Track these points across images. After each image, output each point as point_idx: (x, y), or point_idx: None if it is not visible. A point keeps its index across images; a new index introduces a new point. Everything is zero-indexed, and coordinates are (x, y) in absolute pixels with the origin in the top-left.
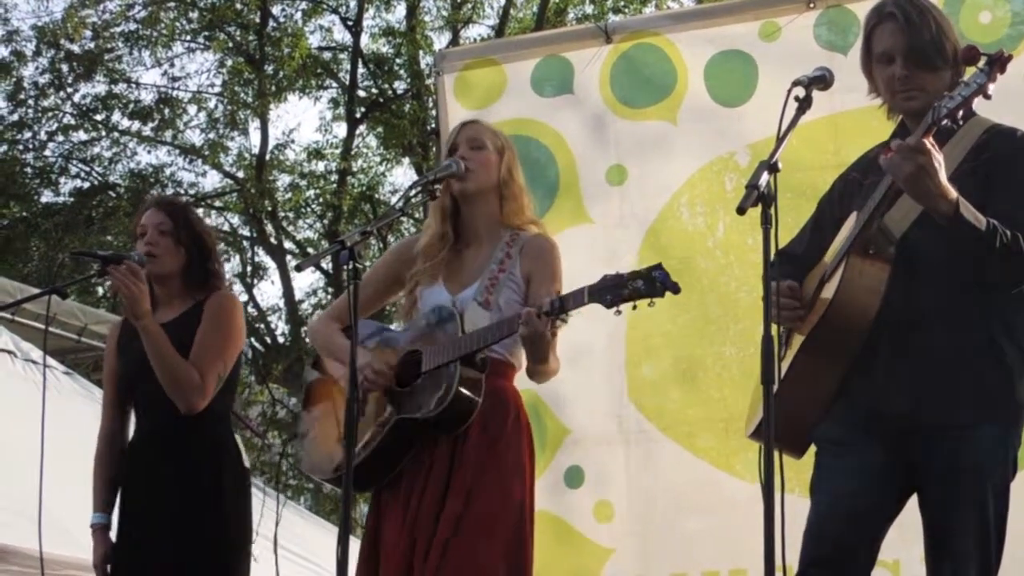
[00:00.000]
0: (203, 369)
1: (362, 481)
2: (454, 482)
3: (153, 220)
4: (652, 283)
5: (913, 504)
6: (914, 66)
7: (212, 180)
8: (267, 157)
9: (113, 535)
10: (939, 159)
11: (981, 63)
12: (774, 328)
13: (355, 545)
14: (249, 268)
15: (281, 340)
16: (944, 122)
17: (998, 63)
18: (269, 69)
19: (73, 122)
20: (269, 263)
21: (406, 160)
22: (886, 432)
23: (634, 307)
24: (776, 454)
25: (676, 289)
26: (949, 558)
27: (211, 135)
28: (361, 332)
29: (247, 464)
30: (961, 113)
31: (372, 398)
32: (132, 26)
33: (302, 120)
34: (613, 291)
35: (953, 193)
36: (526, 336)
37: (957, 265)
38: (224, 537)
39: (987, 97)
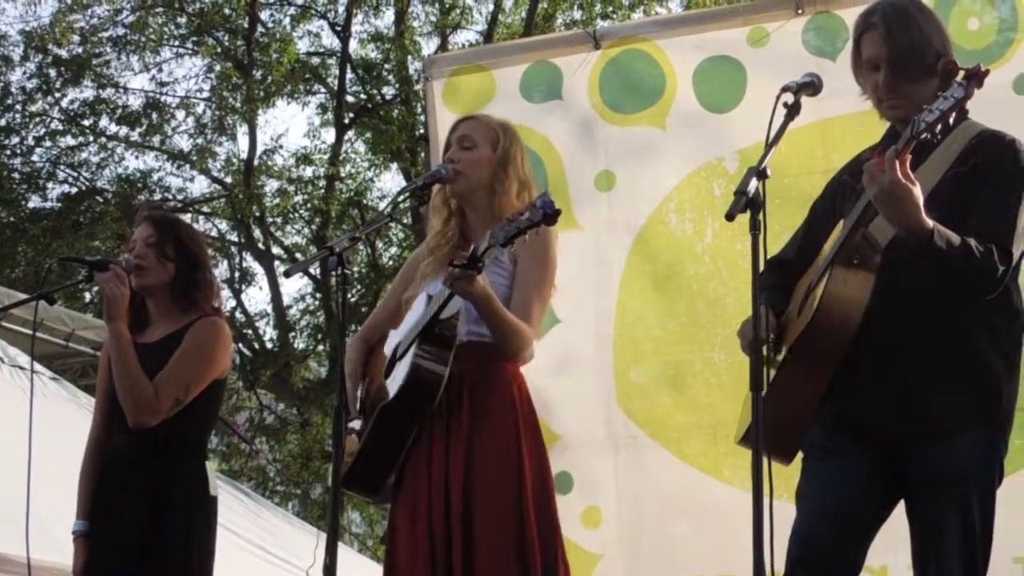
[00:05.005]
0: (160, 388)
1: (365, 482)
2: (451, 470)
3: (141, 233)
4: (535, 211)
5: (901, 510)
6: (896, 76)
7: (200, 185)
8: (255, 162)
9: None
10: (916, 191)
11: (959, 77)
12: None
13: (343, 550)
14: (237, 273)
15: (269, 346)
16: (924, 135)
17: (976, 78)
18: (257, 74)
19: (61, 127)
20: (257, 268)
21: (394, 166)
22: (872, 439)
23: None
24: (765, 460)
25: (555, 210)
26: (935, 564)
27: (199, 140)
28: (391, 342)
29: (215, 493)
30: (940, 127)
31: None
32: (120, 31)
33: (290, 125)
34: (505, 228)
35: (927, 224)
36: (460, 294)
37: (940, 273)
38: (182, 568)
39: (964, 111)
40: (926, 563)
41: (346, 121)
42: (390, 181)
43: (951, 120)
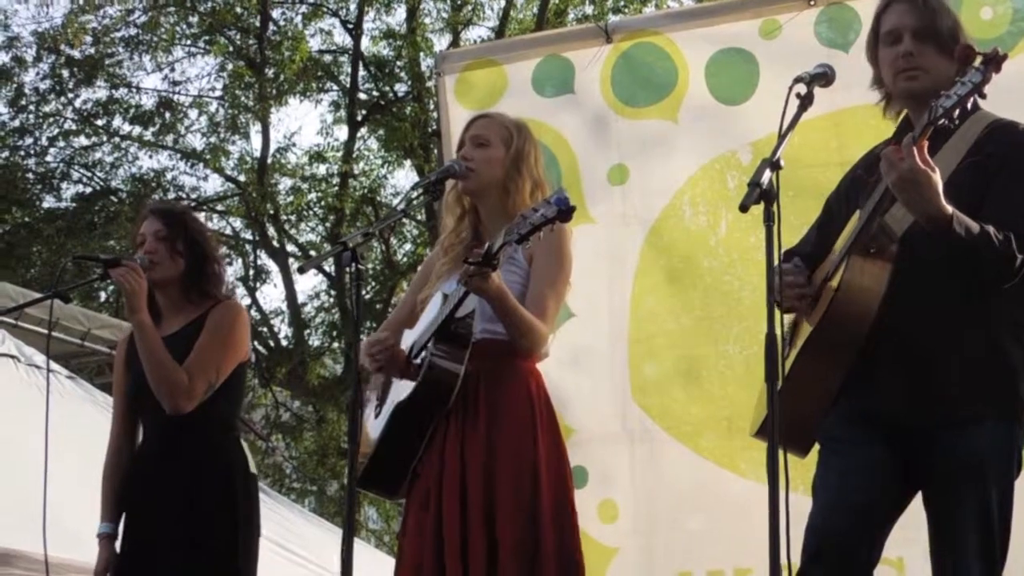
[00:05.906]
0: (193, 372)
1: (382, 482)
2: (469, 469)
3: (150, 228)
4: (549, 207)
5: (919, 502)
6: (921, 43)
7: (214, 184)
8: (268, 160)
9: (118, 544)
10: (936, 177)
11: (977, 62)
12: (778, 326)
13: (359, 546)
14: (251, 271)
15: (284, 343)
16: (942, 121)
17: (993, 62)
18: (270, 73)
19: (74, 127)
20: (271, 266)
21: (407, 162)
22: (888, 430)
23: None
24: (780, 453)
25: (570, 207)
26: (953, 556)
27: (212, 139)
28: (407, 341)
29: (254, 470)
30: (958, 112)
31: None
32: (132, 31)
33: (303, 123)
34: (521, 225)
35: (947, 210)
36: (475, 292)
37: (959, 263)
38: (232, 545)
39: (982, 96)
40: (943, 555)
41: (359, 118)
42: (403, 178)
43: (969, 105)
